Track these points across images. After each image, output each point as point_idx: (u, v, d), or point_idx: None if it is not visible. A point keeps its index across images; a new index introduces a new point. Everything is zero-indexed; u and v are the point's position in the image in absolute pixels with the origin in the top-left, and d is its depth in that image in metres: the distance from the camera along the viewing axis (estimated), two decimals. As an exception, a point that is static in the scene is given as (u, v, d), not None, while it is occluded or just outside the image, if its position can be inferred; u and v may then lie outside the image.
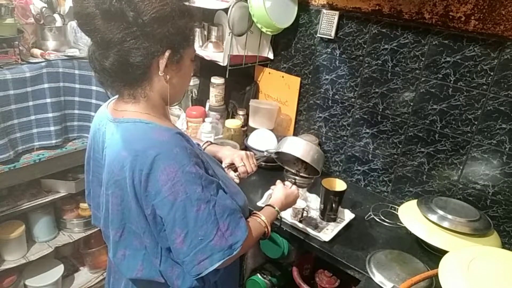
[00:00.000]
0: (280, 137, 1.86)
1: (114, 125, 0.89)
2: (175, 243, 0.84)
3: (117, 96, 0.95)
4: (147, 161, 0.81)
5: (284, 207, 1.17)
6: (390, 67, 1.53)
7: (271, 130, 1.85)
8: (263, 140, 1.79)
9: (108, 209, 0.92)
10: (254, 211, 1.08)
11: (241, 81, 1.99)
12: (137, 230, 0.90)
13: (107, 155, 0.90)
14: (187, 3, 0.89)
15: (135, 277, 0.95)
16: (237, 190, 1.02)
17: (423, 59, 1.45)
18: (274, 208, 1.11)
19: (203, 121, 1.83)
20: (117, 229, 0.92)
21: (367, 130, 1.66)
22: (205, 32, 1.91)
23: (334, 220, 1.42)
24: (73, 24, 1.67)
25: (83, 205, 1.84)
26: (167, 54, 0.86)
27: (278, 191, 1.18)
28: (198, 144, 1.14)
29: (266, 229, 1.04)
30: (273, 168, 1.77)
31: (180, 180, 0.82)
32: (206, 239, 0.84)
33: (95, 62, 0.87)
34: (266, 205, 1.13)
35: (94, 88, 1.62)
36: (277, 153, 1.39)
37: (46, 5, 1.58)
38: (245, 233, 0.90)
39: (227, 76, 1.78)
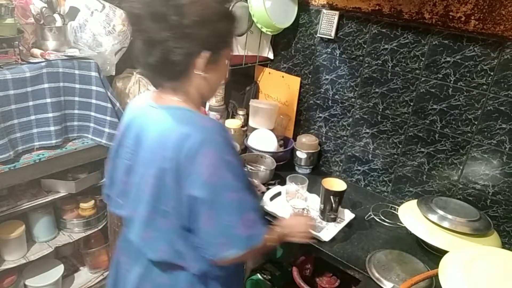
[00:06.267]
0: (280, 137, 1.86)
1: (159, 111, 0.94)
2: (202, 223, 0.89)
3: (152, 91, 1.02)
4: (192, 144, 0.86)
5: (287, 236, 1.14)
6: (390, 67, 1.53)
7: (271, 130, 1.85)
8: (263, 140, 1.79)
9: (141, 189, 0.95)
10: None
11: (241, 81, 1.99)
12: (168, 209, 0.92)
13: (150, 138, 0.94)
14: (228, 7, 0.95)
15: (157, 259, 0.98)
16: (257, 195, 1.05)
17: (423, 59, 1.45)
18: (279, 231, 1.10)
19: (203, 121, 1.83)
20: (148, 210, 0.94)
21: (367, 130, 1.66)
22: (205, 32, 1.91)
23: (334, 220, 1.42)
24: (73, 24, 1.66)
25: (83, 205, 1.84)
26: (205, 54, 0.91)
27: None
28: None
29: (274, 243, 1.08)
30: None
31: (220, 166, 0.87)
32: (232, 225, 0.89)
33: (139, 57, 0.93)
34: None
35: (94, 88, 1.62)
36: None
37: (46, 5, 1.58)
38: (265, 229, 0.96)
39: (227, 76, 1.78)
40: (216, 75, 0.99)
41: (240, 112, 1.96)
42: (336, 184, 1.42)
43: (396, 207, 1.53)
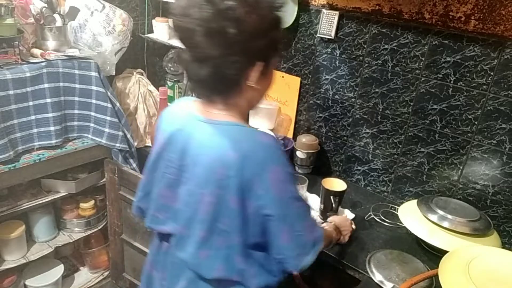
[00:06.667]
0: (280, 137, 1.86)
1: (209, 126, 0.90)
2: (280, 239, 0.91)
3: (194, 100, 0.98)
4: (257, 162, 0.85)
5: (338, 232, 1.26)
6: (390, 67, 1.53)
7: (271, 130, 1.84)
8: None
9: (194, 208, 0.91)
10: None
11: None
12: (228, 228, 0.90)
13: (202, 155, 0.89)
14: (278, 13, 0.90)
15: (213, 277, 0.95)
16: None
17: (423, 59, 1.45)
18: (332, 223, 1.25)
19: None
20: (204, 229, 0.91)
21: (367, 130, 1.66)
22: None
23: (334, 220, 1.42)
24: (73, 24, 1.67)
25: (83, 205, 1.84)
26: (259, 66, 0.88)
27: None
28: None
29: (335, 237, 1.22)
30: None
31: (285, 180, 0.89)
32: (303, 234, 0.92)
33: (189, 71, 0.89)
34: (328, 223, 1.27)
35: (94, 88, 1.62)
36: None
37: (46, 5, 1.58)
38: (321, 229, 1.02)
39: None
40: (266, 84, 0.96)
41: (240, 112, 1.96)
42: (336, 184, 1.42)
43: (396, 207, 1.53)
